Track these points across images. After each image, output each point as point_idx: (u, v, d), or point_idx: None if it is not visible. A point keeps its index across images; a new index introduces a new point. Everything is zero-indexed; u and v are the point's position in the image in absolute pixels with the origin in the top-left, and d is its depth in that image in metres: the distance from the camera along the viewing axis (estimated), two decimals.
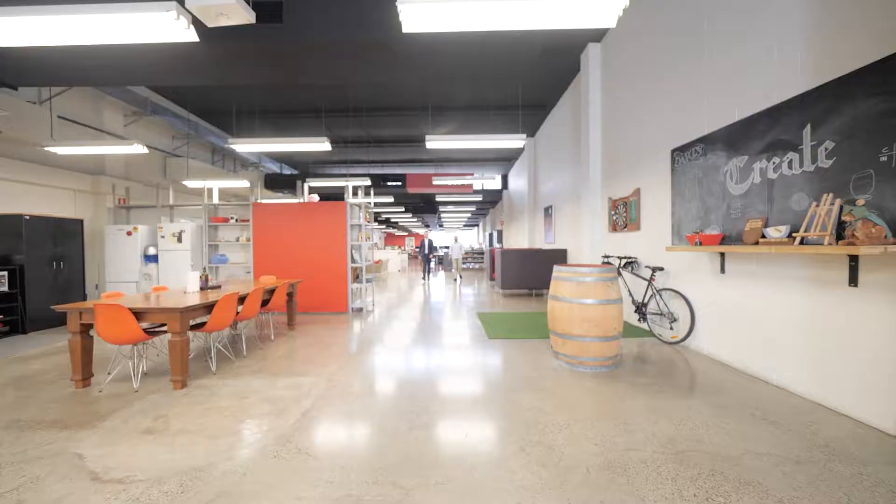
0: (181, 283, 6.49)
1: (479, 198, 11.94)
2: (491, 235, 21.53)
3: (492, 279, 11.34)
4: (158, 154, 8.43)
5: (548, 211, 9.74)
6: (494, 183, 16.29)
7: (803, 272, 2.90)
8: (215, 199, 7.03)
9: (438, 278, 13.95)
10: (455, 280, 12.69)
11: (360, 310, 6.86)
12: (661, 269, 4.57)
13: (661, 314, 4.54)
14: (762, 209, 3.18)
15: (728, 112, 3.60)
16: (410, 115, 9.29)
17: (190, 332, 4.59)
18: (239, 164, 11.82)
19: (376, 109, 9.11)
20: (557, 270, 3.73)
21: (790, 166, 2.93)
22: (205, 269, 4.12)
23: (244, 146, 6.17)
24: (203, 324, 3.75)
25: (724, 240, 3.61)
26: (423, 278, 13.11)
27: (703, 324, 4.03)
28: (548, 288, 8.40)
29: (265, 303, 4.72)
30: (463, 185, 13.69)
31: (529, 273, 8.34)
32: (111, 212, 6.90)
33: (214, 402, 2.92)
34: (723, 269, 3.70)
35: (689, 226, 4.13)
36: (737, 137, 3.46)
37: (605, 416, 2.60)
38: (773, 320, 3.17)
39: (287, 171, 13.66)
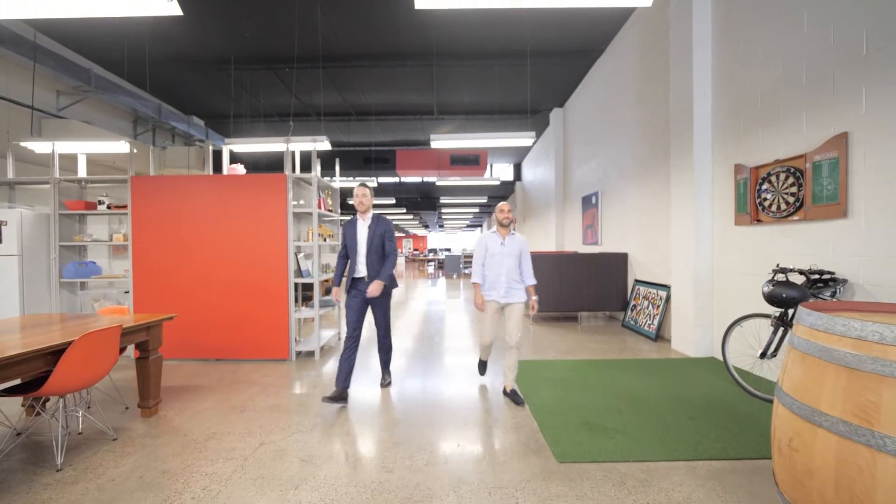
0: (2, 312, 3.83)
1: (495, 181, 9.24)
2: None
3: None
4: (23, 113, 5.75)
5: (590, 201, 7.08)
6: (506, 172, 13.67)
7: None
8: (81, 172, 4.38)
9: (439, 288, 11.09)
10: (487, 368, 3.43)
11: (312, 354, 4.19)
12: None
13: None
14: None
15: None
16: (407, 67, 6.65)
17: None
18: (181, 140, 9.15)
19: (356, 57, 6.47)
20: (875, 332, 1.06)
21: None
22: None
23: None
24: None
25: None
26: (383, 381, 3.26)
27: None
28: (601, 311, 5.74)
29: (32, 384, 2.06)
30: (471, 168, 10.91)
31: (572, 288, 5.67)
32: None
33: None
34: None
35: None
36: None
37: None
38: None
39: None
